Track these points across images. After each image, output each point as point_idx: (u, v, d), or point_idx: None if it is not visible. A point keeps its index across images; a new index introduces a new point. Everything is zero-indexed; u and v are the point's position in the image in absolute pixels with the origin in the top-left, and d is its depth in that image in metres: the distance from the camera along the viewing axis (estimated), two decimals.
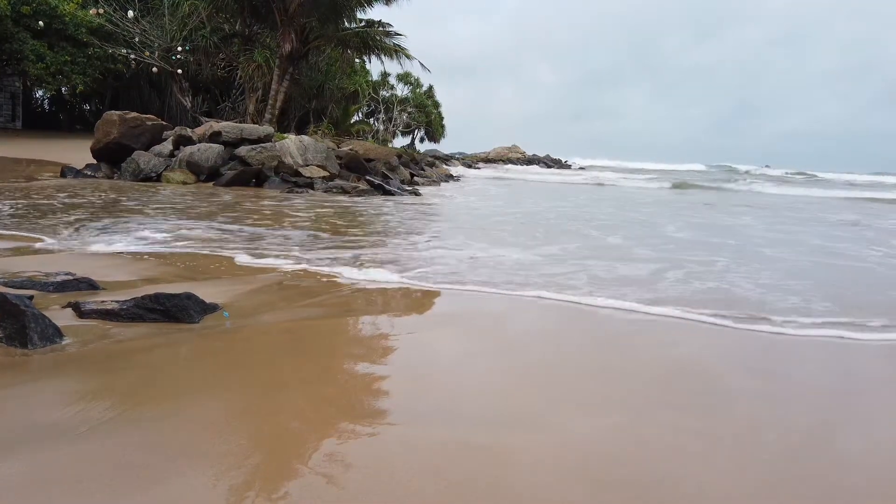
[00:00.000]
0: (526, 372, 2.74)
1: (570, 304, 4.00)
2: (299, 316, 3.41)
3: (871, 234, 9.59)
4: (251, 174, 12.69)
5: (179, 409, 2.13)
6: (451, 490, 1.70)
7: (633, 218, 10.70)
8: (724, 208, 14.14)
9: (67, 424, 1.95)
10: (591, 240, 7.26)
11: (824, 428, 2.34)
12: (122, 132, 13.06)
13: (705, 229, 9.27)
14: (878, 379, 2.98)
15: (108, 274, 4.07)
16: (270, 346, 2.92)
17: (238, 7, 21.10)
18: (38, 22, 22.57)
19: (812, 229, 9.93)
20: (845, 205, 17.33)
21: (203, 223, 6.81)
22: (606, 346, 3.29)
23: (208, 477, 1.69)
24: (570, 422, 2.22)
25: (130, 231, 5.99)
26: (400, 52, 21.88)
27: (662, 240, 7.55)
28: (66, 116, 31.74)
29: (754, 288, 4.70)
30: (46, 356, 2.54)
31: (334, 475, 1.74)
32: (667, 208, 13.59)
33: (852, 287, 5.16)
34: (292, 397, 2.30)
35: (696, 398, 2.55)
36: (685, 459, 1.98)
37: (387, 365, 2.76)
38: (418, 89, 36.95)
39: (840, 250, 7.37)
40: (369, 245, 5.99)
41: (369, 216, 8.70)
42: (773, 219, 11.54)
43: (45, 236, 5.47)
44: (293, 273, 4.51)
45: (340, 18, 21.05)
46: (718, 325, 3.63)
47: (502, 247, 6.15)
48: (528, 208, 11.90)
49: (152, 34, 24.27)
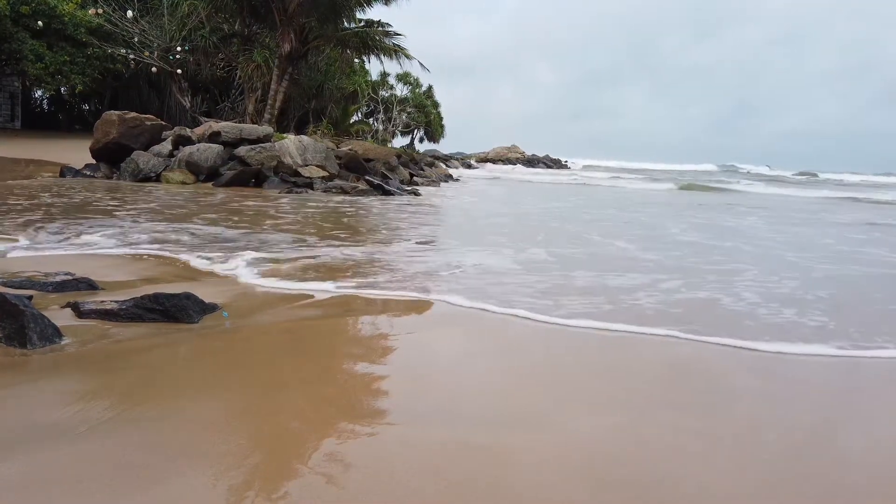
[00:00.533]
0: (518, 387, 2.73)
1: (549, 325, 3.46)
2: (299, 316, 3.41)
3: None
4: (250, 174, 12.69)
5: (179, 409, 2.13)
6: (451, 490, 1.70)
7: (638, 220, 10.67)
8: (741, 212, 13.40)
9: (67, 424, 1.95)
10: (593, 245, 7.09)
11: (825, 427, 2.34)
12: (122, 132, 13.05)
13: (724, 236, 8.95)
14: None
15: (108, 274, 4.07)
16: (270, 345, 2.92)
17: (237, 7, 21.09)
18: (37, 22, 22.56)
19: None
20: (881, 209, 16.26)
21: (174, 225, 6.54)
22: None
23: (208, 477, 1.68)
24: (571, 421, 2.22)
25: (80, 234, 5.63)
26: (399, 52, 21.87)
27: (669, 244, 7.46)
28: (65, 116, 31.72)
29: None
30: (46, 356, 2.53)
31: (334, 475, 1.74)
32: (671, 210, 13.54)
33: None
34: (292, 397, 2.30)
35: (696, 397, 2.55)
36: (685, 459, 1.97)
37: (382, 365, 2.76)
38: (417, 89, 36.97)
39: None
40: (341, 247, 5.72)
41: (359, 217, 8.59)
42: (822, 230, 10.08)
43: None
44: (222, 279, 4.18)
45: (340, 18, 21.05)
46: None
47: (493, 252, 5.83)
48: (526, 209, 11.91)
49: (151, 34, 24.26)
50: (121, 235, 5.72)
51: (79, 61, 23.66)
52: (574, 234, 7.84)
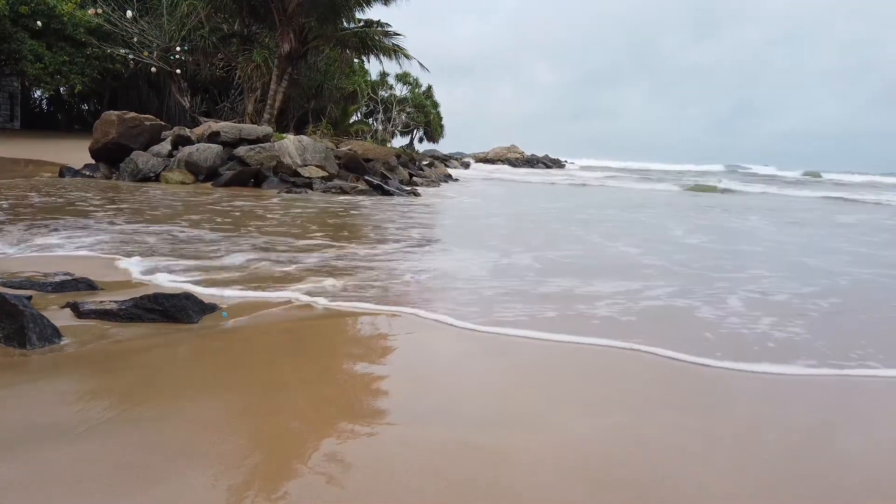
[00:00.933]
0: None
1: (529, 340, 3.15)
2: (299, 316, 3.41)
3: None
4: (250, 174, 12.68)
5: (179, 409, 2.13)
6: (450, 490, 1.70)
7: (643, 221, 10.64)
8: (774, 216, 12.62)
9: (66, 424, 1.95)
10: (594, 247, 6.98)
11: (824, 427, 2.34)
12: (121, 132, 13.03)
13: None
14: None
15: (107, 274, 4.07)
16: (270, 345, 2.92)
17: (237, 7, 21.09)
18: (36, 22, 22.54)
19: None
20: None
21: (153, 227, 6.32)
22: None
23: (208, 477, 1.68)
24: (570, 422, 2.22)
25: (40, 236, 5.44)
26: (399, 52, 21.88)
27: (674, 247, 7.36)
28: (64, 116, 31.71)
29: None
30: (45, 356, 2.53)
31: (334, 475, 1.74)
32: (675, 211, 13.51)
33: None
34: (292, 397, 2.30)
35: (696, 398, 2.55)
36: (685, 459, 1.97)
37: (383, 365, 2.76)
38: (417, 89, 36.98)
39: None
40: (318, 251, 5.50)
41: (349, 217, 8.49)
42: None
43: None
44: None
45: (339, 18, 21.05)
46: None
47: (474, 256, 5.57)
48: (525, 208, 11.91)
49: (151, 34, 24.25)
50: (79, 238, 5.46)
51: (78, 61, 23.65)
52: (573, 237, 7.84)
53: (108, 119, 13.12)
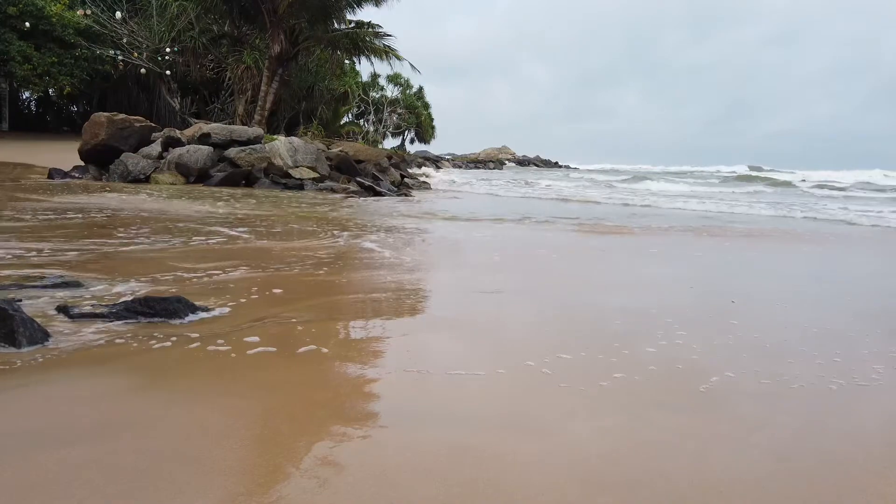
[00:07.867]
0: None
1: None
2: (290, 318, 3.38)
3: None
4: (240, 176, 12.64)
5: (170, 412, 2.10)
6: (450, 490, 1.69)
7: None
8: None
9: (56, 429, 1.92)
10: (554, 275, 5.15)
11: (824, 427, 2.35)
12: (111, 134, 12.97)
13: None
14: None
15: (99, 276, 4.03)
16: (263, 347, 2.89)
17: (227, 8, 21.05)
18: (24, 23, 22.40)
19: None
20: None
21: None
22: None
23: (200, 481, 1.66)
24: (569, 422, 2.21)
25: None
26: (390, 53, 21.88)
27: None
28: (53, 118, 31.52)
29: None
30: (35, 360, 2.50)
31: (328, 478, 1.72)
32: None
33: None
34: (286, 400, 2.28)
35: (695, 398, 2.55)
36: (685, 459, 1.97)
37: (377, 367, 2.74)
38: (408, 90, 36.99)
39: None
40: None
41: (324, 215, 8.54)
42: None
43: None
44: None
45: (330, 19, 21.04)
46: None
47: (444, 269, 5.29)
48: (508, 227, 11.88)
49: (140, 35, 24.15)
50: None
51: (67, 62, 23.51)
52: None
53: (97, 120, 13.04)
